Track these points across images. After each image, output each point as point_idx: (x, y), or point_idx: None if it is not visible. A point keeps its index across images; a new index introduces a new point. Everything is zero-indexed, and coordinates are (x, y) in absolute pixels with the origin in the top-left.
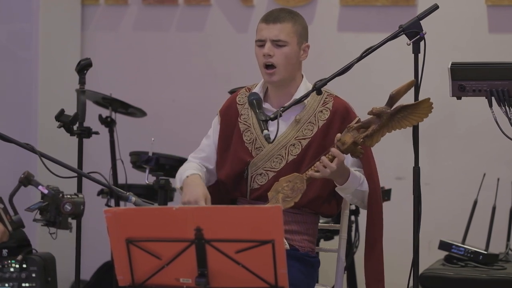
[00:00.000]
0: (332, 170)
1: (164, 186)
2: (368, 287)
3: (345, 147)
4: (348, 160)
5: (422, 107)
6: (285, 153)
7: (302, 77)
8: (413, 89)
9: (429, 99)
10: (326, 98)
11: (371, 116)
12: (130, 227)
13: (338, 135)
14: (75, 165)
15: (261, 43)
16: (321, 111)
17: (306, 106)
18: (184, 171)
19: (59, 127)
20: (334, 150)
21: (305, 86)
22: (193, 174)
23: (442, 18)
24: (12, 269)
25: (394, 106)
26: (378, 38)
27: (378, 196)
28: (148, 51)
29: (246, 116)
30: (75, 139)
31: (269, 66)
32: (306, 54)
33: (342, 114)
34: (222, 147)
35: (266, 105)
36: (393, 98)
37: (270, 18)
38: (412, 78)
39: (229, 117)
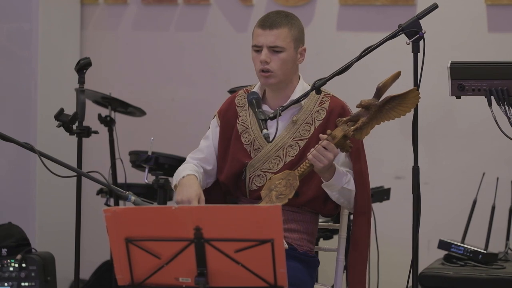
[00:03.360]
0: (329, 159)
1: (164, 185)
2: (350, 286)
3: (335, 141)
4: (339, 160)
5: (409, 97)
6: (283, 154)
7: (299, 78)
8: (405, 83)
9: (416, 88)
10: (323, 98)
11: (360, 109)
12: (130, 227)
13: (328, 130)
14: (74, 164)
15: (257, 48)
16: (318, 111)
17: (303, 107)
18: (181, 172)
19: (59, 126)
20: (326, 143)
21: (301, 87)
22: (189, 174)
23: (442, 17)
24: (11, 269)
25: (382, 98)
26: (378, 37)
27: (367, 197)
28: (148, 51)
29: (244, 117)
30: (74, 138)
31: (265, 70)
32: (303, 58)
33: (338, 113)
34: (222, 149)
35: (264, 107)
36: (380, 90)
37: (266, 23)
38: (411, 77)
39: (228, 119)
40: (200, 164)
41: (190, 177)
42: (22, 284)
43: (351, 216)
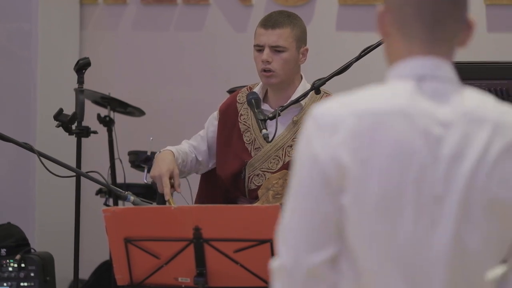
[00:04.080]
0: None
1: None
2: None
3: None
4: None
5: None
6: (282, 154)
7: (301, 78)
8: None
9: None
10: (323, 99)
11: None
12: (129, 227)
13: None
14: (73, 164)
15: (259, 48)
16: None
17: (304, 107)
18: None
19: (58, 126)
20: None
21: (303, 87)
22: (165, 150)
23: None
24: (10, 269)
25: None
26: (377, 37)
27: None
28: (147, 51)
29: (246, 116)
30: (73, 139)
31: (267, 70)
32: (305, 58)
33: None
34: (221, 145)
35: (265, 107)
36: None
37: (269, 23)
38: None
39: (228, 116)
40: (194, 151)
41: (164, 152)
42: (21, 284)
43: None
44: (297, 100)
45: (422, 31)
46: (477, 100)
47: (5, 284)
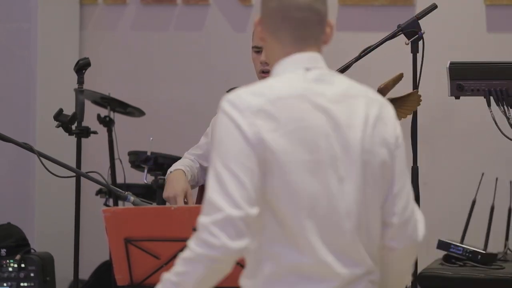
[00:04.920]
0: None
1: (163, 185)
2: None
3: None
4: None
5: (410, 100)
6: None
7: None
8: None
9: (417, 91)
10: None
11: None
12: (129, 227)
13: None
14: (73, 164)
15: (257, 49)
16: None
17: None
18: (171, 168)
19: (58, 126)
20: None
21: None
22: (177, 169)
23: (441, 17)
24: (10, 269)
25: None
26: (377, 37)
27: None
28: (147, 51)
29: None
30: (73, 139)
31: (266, 71)
32: None
33: None
34: None
35: None
36: (381, 92)
37: None
38: (410, 77)
39: None
40: (197, 160)
41: (176, 172)
42: (21, 284)
43: None
44: None
45: (291, 34)
46: (348, 83)
47: (5, 284)
